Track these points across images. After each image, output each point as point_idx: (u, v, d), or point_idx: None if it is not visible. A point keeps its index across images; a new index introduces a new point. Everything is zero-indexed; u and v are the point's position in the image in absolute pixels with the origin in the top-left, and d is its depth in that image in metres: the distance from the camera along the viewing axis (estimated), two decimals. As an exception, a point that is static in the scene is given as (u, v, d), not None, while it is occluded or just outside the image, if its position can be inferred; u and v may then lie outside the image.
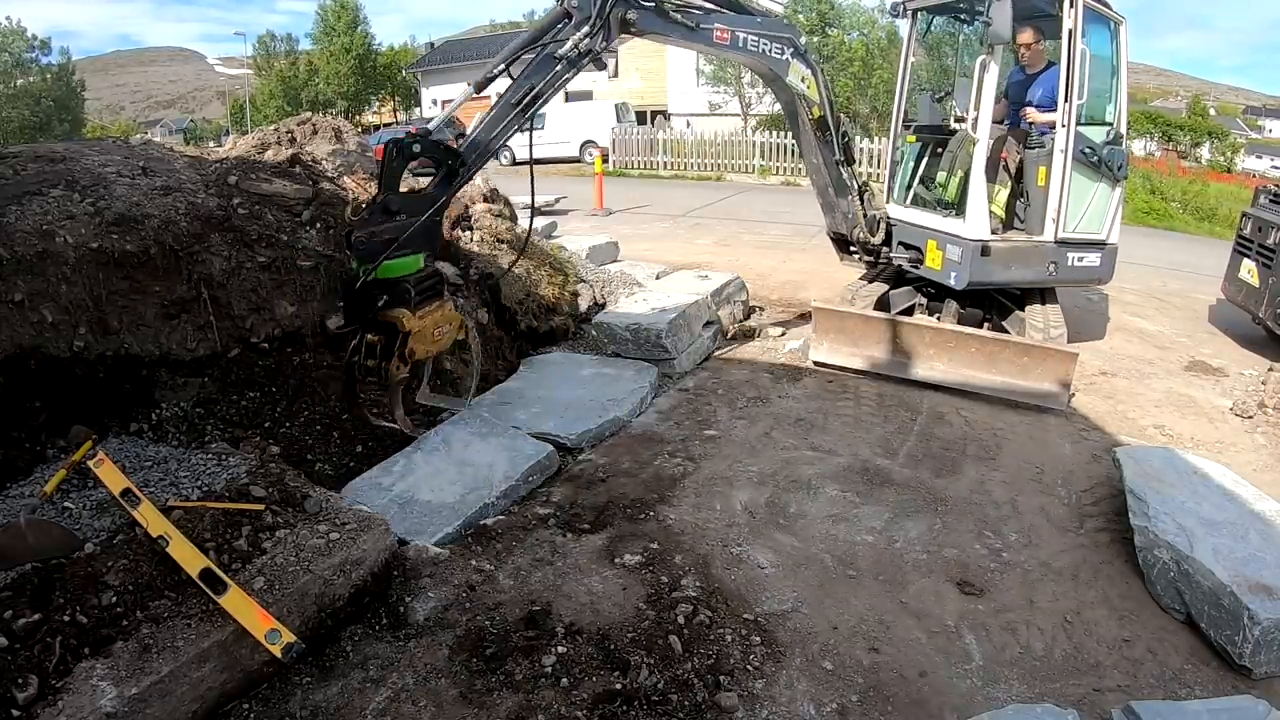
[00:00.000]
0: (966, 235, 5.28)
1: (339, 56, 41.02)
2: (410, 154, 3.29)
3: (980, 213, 5.27)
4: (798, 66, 5.02)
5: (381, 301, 3.29)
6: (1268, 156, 51.57)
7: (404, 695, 2.33)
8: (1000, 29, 4.76)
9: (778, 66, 4.92)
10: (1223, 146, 43.44)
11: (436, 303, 3.52)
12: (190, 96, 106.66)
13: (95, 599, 2.14)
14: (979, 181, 5.25)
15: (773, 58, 4.85)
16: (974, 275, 5.30)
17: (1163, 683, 2.55)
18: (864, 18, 22.04)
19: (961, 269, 5.32)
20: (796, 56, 4.99)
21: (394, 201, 3.28)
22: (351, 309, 3.35)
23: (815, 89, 5.20)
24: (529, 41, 3.71)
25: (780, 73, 4.95)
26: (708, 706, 2.32)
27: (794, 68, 5.00)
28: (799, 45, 5.01)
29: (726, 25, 4.51)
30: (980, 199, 5.26)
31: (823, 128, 5.37)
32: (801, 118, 5.31)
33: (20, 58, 37.66)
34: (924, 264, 5.67)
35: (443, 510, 3.26)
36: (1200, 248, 11.61)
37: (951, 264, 5.39)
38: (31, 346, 3.18)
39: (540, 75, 3.64)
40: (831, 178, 5.66)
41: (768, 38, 4.77)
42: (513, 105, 3.59)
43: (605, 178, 13.87)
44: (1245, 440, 4.59)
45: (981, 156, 5.22)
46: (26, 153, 4.00)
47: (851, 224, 5.91)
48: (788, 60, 4.94)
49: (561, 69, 3.67)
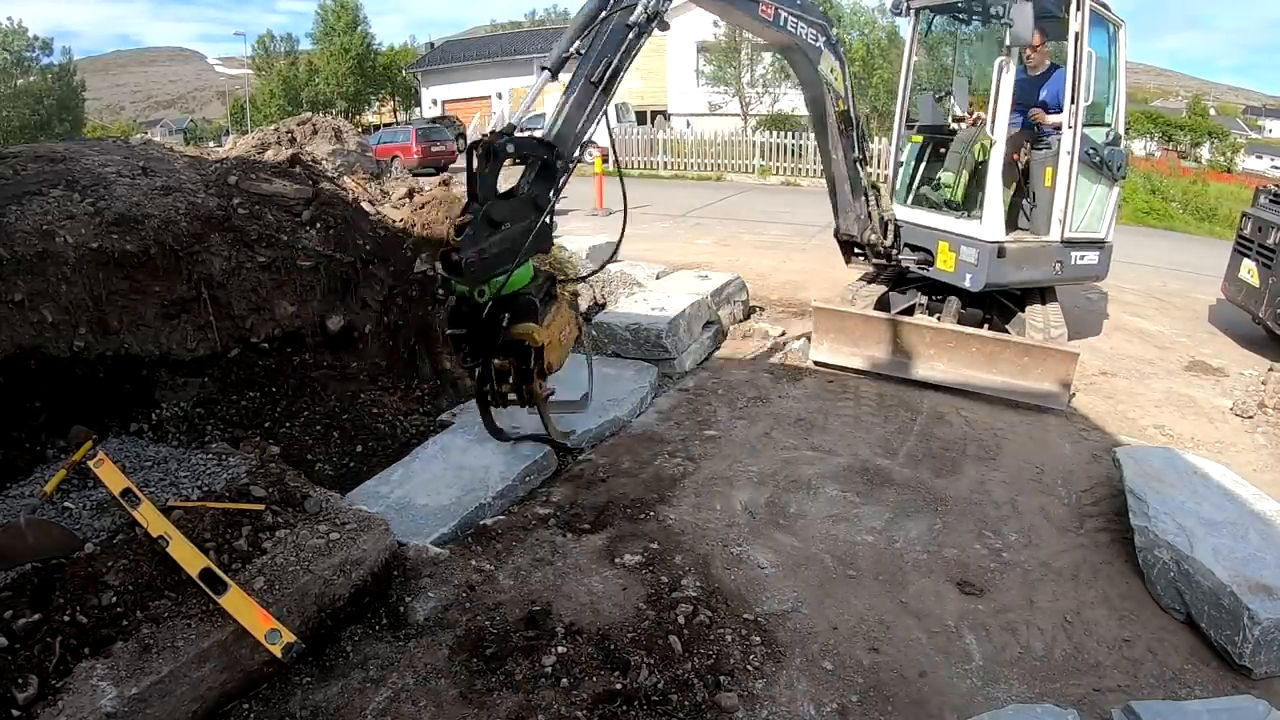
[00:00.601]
0: (984, 237, 5.26)
1: (339, 56, 41.00)
2: (504, 154, 3.02)
3: (997, 214, 5.25)
4: (829, 57, 4.99)
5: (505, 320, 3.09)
6: (1268, 156, 51.56)
7: (404, 695, 2.33)
8: (1022, 31, 4.74)
9: (811, 52, 4.88)
10: (1223, 146, 43.45)
11: (554, 306, 3.38)
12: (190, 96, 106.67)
13: (95, 599, 2.14)
14: (995, 183, 5.22)
15: (808, 43, 4.81)
16: (991, 277, 5.27)
17: (1163, 683, 2.55)
18: (864, 18, 22.06)
19: (978, 271, 5.28)
20: (828, 46, 4.97)
21: (497, 211, 3.01)
22: (475, 339, 3.12)
23: (842, 82, 5.17)
24: (591, 16, 3.42)
25: (814, 59, 4.92)
26: (708, 706, 2.32)
27: (825, 57, 4.97)
28: (831, 35, 4.99)
29: (772, 1, 4.46)
30: (997, 201, 5.24)
31: (846, 122, 5.33)
32: (828, 109, 5.24)
33: (21, 57, 37.67)
34: (934, 266, 5.65)
35: (438, 513, 3.26)
36: (1200, 248, 11.60)
37: (966, 266, 5.34)
38: (31, 346, 3.18)
39: (614, 48, 3.40)
40: (850, 175, 5.58)
41: (806, 21, 4.74)
42: (593, 85, 3.34)
43: (605, 178, 13.86)
44: (1245, 440, 4.59)
45: (999, 158, 5.20)
46: (26, 153, 4.01)
47: (864, 225, 5.87)
48: (820, 48, 4.91)
49: (634, 37, 3.45)
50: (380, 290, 4.54)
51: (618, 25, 3.42)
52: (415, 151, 21.04)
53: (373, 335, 4.50)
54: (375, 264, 4.54)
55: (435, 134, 23.19)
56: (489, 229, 2.97)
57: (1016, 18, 4.71)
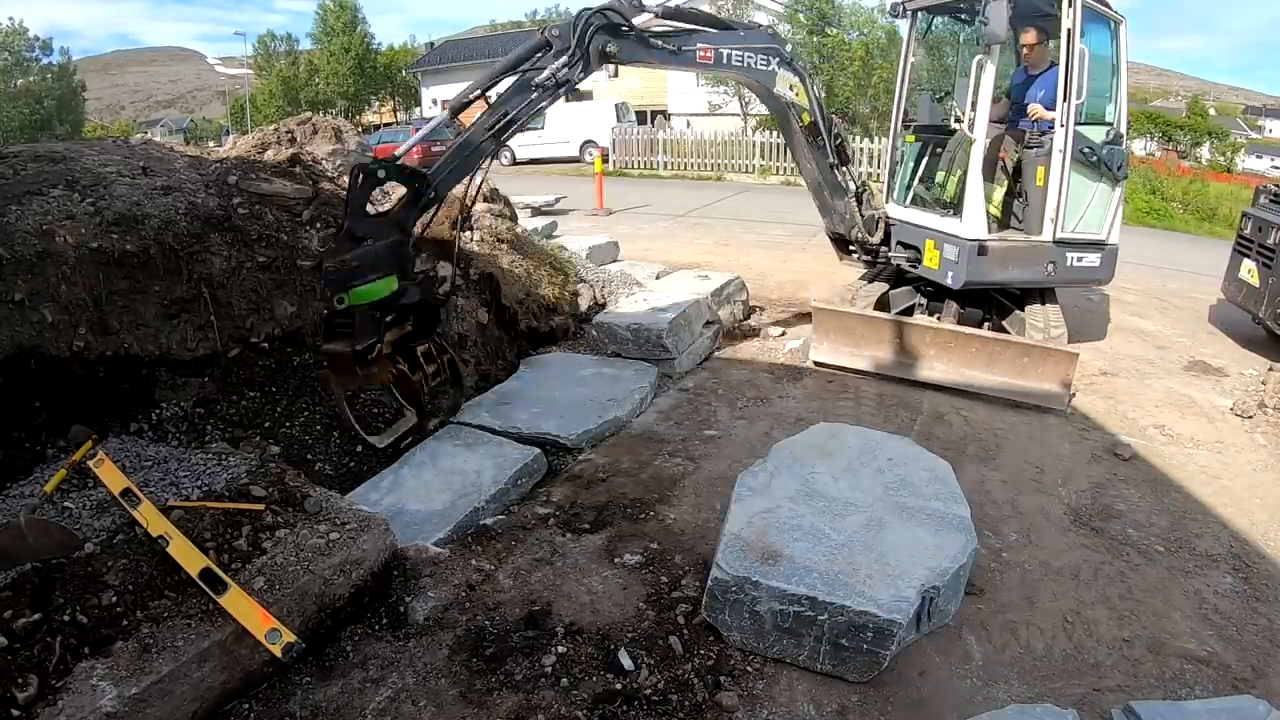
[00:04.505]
0: (963, 235, 5.28)
1: (339, 56, 41.02)
2: (375, 179, 3.34)
3: (977, 212, 5.26)
4: (785, 75, 5.03)
5: None
6: (1268, 156, 51.61)
7: (404, 695, 2.33)
8: (996, 29, 4.77)
9: (764, 78, 4.93)
10: (1223, 146, 43.47)
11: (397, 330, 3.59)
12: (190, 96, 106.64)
13: (95, 599, 2.14)
14: (976, 181, 5.25)
15: (759, 70, 4.86)
16: (970, 275, 5.30)
17: (1163, 683, 2.55)
18: (864, 18, 22.01)
19: (958, 269, 5.32)
20: (783, 65, 4.99)
21: (360, 227, 3.32)
22: None
23: (804, 95, 5.21)
24: (509, 67, 3.76)
25: (768, 84, 4.97)
26: (708, 706, 2.32)
27: (781, 77, 5.00)
28: (784, 54, 5.01)
29: (709, 44, 4.52)
30: (977, 199, 5.25)
31: (814, 133, 5.39)
32: (792, 124, 5.33)
33: (21, 57, 37.67)
34: (922, 263, 5.67)
35: (432, 518, 3.25)
36: (1200, 248, 11.61)
37: (949, 263, 5.39)
38: (31, 346, 3.18)
39: (516, 102, 3.70)
40: (825, 180, 5.68)
41: (752, 51, 4.78)
42: (486, 129, 3.66)
43: (605, 178, 13.86)
44: (1245, 440, 4.59)
45: (978, 156, 5.22)
46: (26, 153, 4.01)
47: (849, 224, 5.92)
48: (774, 71, 4.94)
49: (537, 97, 3.72)
50: (380, 290, 4.53)
51: (525, 82, 3.70)
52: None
53: (373, 335, 4.49)
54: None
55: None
56: (351, 242, 3.28)
57: (991, 15, 4.73)
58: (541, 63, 3.73)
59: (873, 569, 2.55)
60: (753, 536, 2.68)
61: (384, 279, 3.36)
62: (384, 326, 3.44)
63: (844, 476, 3.13)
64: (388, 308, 3.43)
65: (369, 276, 3.29)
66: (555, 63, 3.71)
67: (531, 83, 3.70)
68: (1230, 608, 2.96)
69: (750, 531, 2.72)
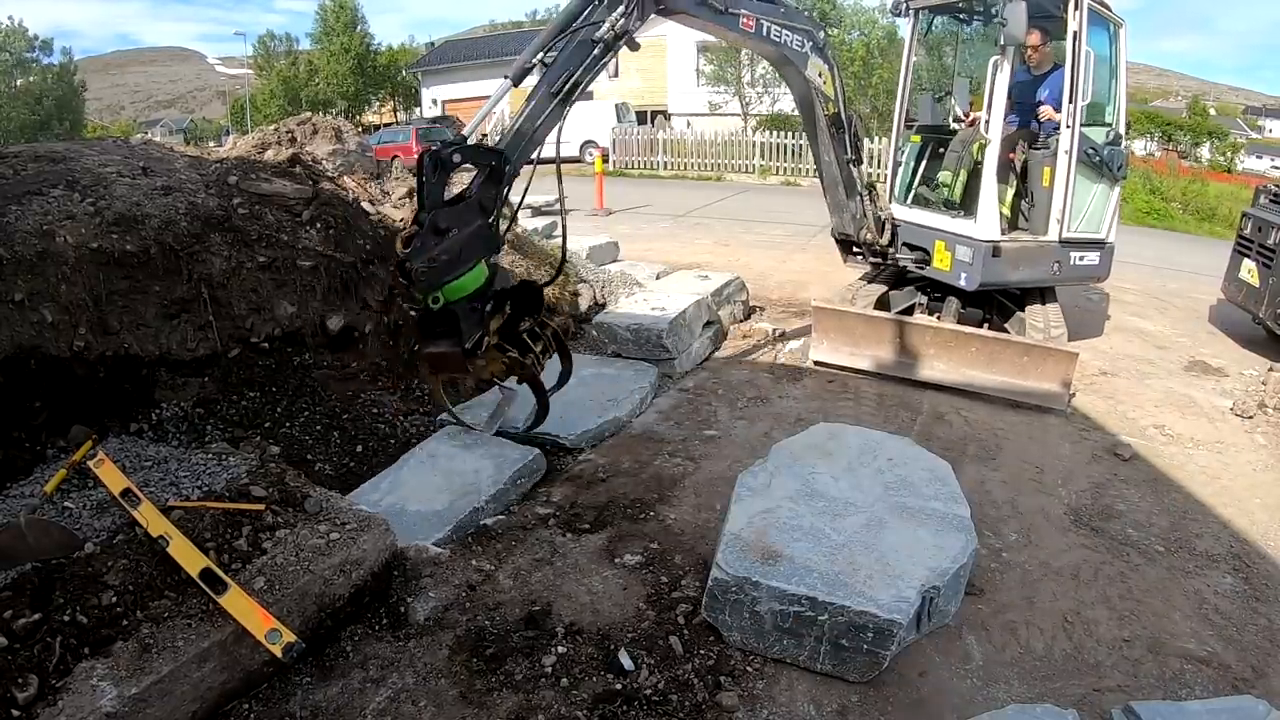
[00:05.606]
0: (978, 236, 5.26)
1: (339, 56, 40.97)
2: (450, 164, 3.10)
3: (991, 214, 5.25)
4: (816, 61, 4.97)
5: None
6: (1268, 156, 51.57)
7: (404, 695, 2.33)
8: (1015, 30, 4.75)
9: (797, 59, 4.86)
10: (1223, 146, 43.44)
11: None
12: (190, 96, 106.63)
13: (95, 599, 2.14)
14: (990, 183, 5.23)
15: (793, 49, 4.80)
16: (985, 276, 5.28)
17: (1163, 683, 2.55)
18: (864, 18, 22.06)
19: (973, 270, 5.29)
20: (815, 51, 4.94)
21: (443, 218, 3.10)
22: None
23: (831, 85, 5.15)
24: (560, 28, 3.54)
25: (799, 65, 4.91)
26: (708, 707, 2.32)
27: (813, 62, 4.94)
28: (818, 40, 4.96)
29: (752, 12, 4.44)
30: (991, 200, 5.24)
31: (837, 125, 5.31)
32: (817, 113, 5.23)
33: (21, 57, 37.65)
34: (931, 265, 5.66)
35: (431, 519, 3.25)
36: (1200, 248, 11.61)
37: (962, 265, 5.35)
38: (31, 346, 3.18)
39: (577, 61, 3.47)
40: (843, 176, 5.60)
41: (790, 28, 4.72)
42: (552, 95, 3.43)
43: (605, 178, 13.86)
44: (1245, 440, 4.59)
45: (994, 158, 5.21)
46: (26, 153, 4.01)
47: (859, 225, 5.88)
48: (807, 54, 4.89)
49: (599, 53, 3.52)
50: (380, 290, 4.54)
51: (584, 39, 3.49)
52: (416, 151, 21.08)
53: (373, 335, 4.51)
54: (375, 264, 4.54)
55: (436, 134, 23.21)
56: (436, 236, 3.07)
57: (1010, 17, 4.72)
58: (595, 16, 3.53)
59: (873, 569, 2.55)
60: (753, 536, 2.68)
61: (475, 269, 3.20)
62: (487, 317, 3.30)
63: (844, 476, 3.13)
64: (486, 297, 3.28)
65: (460, 270, 3.12)
66: (612, 13, 3.52)
67: (591, 39, 3.49)
68: (1230, 608, 2.96)
69: (750, 531, 2.72)
